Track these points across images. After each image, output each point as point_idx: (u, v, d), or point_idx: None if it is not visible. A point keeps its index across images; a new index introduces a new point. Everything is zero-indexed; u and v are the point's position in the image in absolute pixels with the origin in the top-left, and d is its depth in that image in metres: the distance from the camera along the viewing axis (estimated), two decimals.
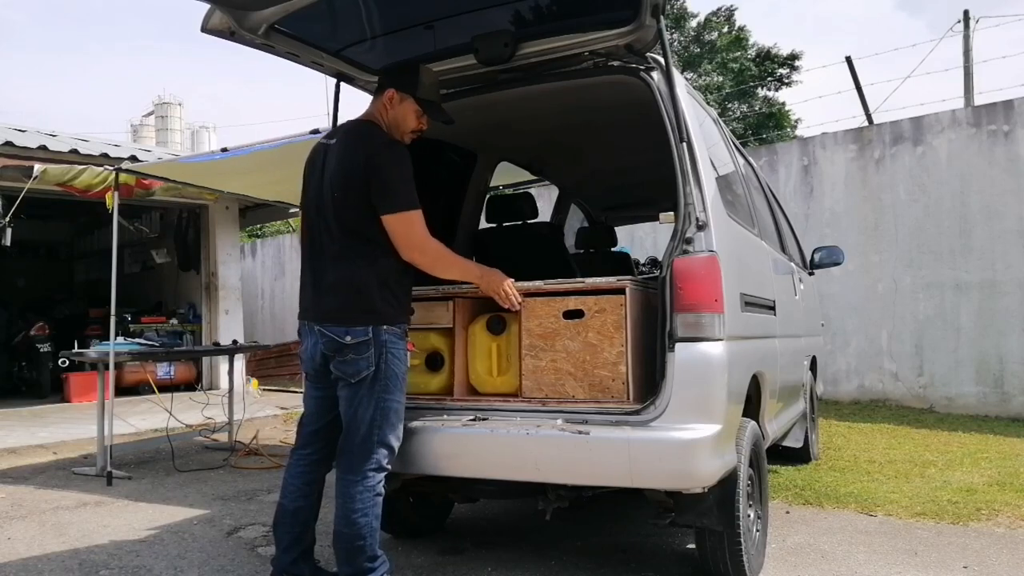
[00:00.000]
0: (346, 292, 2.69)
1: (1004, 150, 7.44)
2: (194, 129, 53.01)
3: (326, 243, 2.75)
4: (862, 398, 8.19)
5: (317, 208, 2.78)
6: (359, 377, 2.67)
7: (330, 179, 2.74)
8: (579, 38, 2.98)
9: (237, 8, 2.66)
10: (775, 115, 23.65)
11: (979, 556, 3.36)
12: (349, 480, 2.68)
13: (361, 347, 2.66)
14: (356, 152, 2.71)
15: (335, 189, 2.71)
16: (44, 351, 9.97)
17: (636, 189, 5.70)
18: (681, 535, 3.60)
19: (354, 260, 2.70)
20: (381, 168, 2.68)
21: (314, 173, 2.84)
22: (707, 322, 2.59)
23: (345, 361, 2.68)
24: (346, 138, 2.80)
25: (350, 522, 2.66)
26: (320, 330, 2.71)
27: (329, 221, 2.73)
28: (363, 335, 2.66)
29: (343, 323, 2.67)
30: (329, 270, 2.74)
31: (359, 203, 2.68)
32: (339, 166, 2.72)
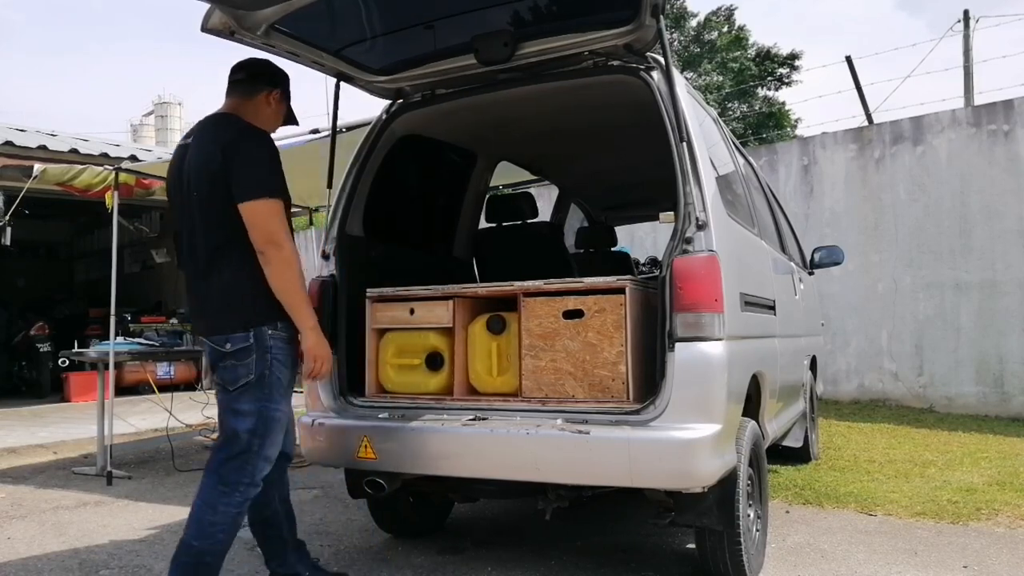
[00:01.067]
0: (221, 298, 2.57)
1: (1004, 150, 7.44)
2: None
3: (196, 247, 2.62)
4: (862, 398, 8.19)
5: (182, 211, 2.65)
6: (237, 385, 2.53)
7: (189, 177, 2.59)
8: (579, 38, 2.98)
9: (237, 8, 2.66)
10: (775, 115, 23.66)
11: (979, 556, 3.36)
12: (219, 489, 2.52)
13: (241, 353, 2.52)
14: (213, 142, 2.56)
15: (195, 188, 2.57)
16: (44, 351, 9.98)
17: (636, 189, 5.70)
18: (681, 535, 3.60)
19: (225, 262, 2.57)
20: (239, 153, 2.53)
21: (175, 176, 2.70)
22: (707, 322, 2.59)
23: (224, 368, 2.55)
24: (203, 132, 2.66)
25: (206, 535, 2.51)
26: (206, 343, 2.61)
27: (195, 223, 2.60)
28: (243, 341, 2.52)
29: (222, 331, 2.55)
30: (202, 277, 2.62)
31: (221, 197, 2.52)
32: (197, 161, 2.58)
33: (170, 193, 2.77)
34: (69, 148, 7.93)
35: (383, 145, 3.51)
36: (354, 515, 4.14)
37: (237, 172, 2.50)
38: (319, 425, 3.09)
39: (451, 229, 4.36)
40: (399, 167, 3.65)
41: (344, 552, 3.52)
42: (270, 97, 2.77)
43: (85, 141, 8.91)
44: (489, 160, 4.43)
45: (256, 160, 2.55)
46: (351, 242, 3.40)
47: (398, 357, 3.13)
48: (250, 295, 2.55)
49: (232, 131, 2.59)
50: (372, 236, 3.55)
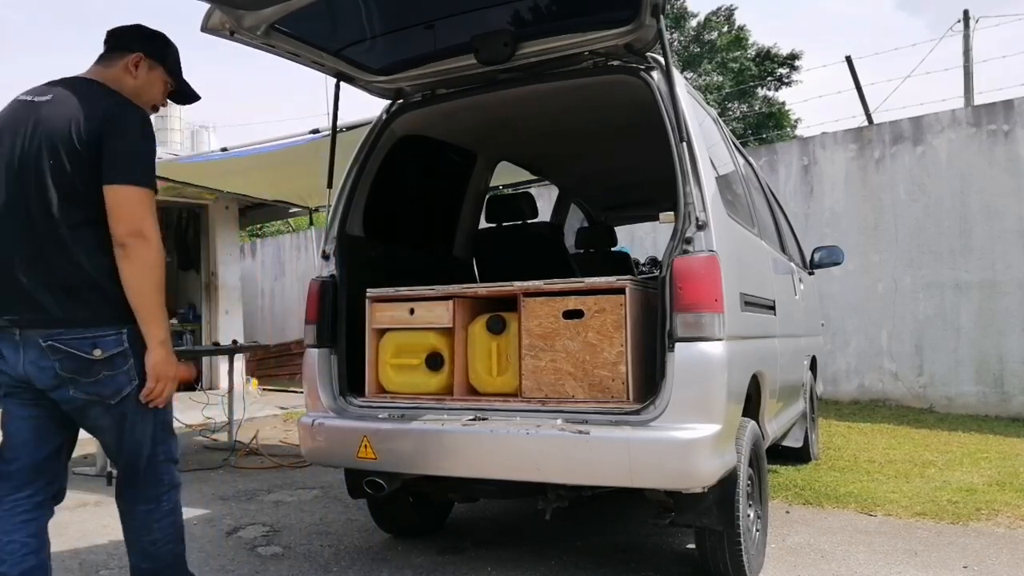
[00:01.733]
0: (83, 290, 2.12)
1: (1004, 150, 7.44)
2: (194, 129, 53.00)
3: (38, 224, 2.13)
4: (862, 398, 8.19)
5: (16, 177, 2.16)
6: (122, 395, 2.15)
7: (45, 142, 2.14)
8: (579, 38, 2.98)
9: (237, 8, 2.66)
10: (775, 115, 23.66)
11: (979, 556, 3.36)
12: (141, 510, 2.26)
13: (117, 359, 2.13)
14: (86, 108, 2.15)
15: (52, 155, 2.13)
16: None
17: (636, 189, 5.70)
18: (681, 535, 3.60)
19: (83, 246, 2.13)
20: (123, 129, 2.15)
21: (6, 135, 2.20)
22: (707, 322, 2.59)
23: (98, 381, 2.12)
24: (68, 95, 2.20)
25: (151, 555, 2.27)
26: (52, 345, 2.09)
27: (43, 194, 2.12)
28: (116, 345, 2.12)
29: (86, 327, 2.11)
30: (49, 261, 2.12)
31: (87, 171, 2.12)
32: (60, 126, 2.14)
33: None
34: None
35: (383, 145, 3.51)
36: (354, 515, 4.14)
37: (111, 151, 2.13)
38: (319, 425, 3.09)
39: (451, 229, 4.36)
40: (399, 167, 3.65)
41: (344, 552, 3.52)
42: (136, 63, 2.34)
43: None
44: (489, 160, 4.43)
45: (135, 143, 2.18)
46: (351, 242, 3.40)
47: (398, 357, 3.13)
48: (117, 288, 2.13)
49: (111, 102, 2.20)
50: (372, 236, 3.55)
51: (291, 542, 3.72)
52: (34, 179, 2.14)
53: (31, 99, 2.23)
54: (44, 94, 2.23)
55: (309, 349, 3.25)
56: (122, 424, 2.22)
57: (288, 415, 7.98)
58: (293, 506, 4.43)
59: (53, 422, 2.25)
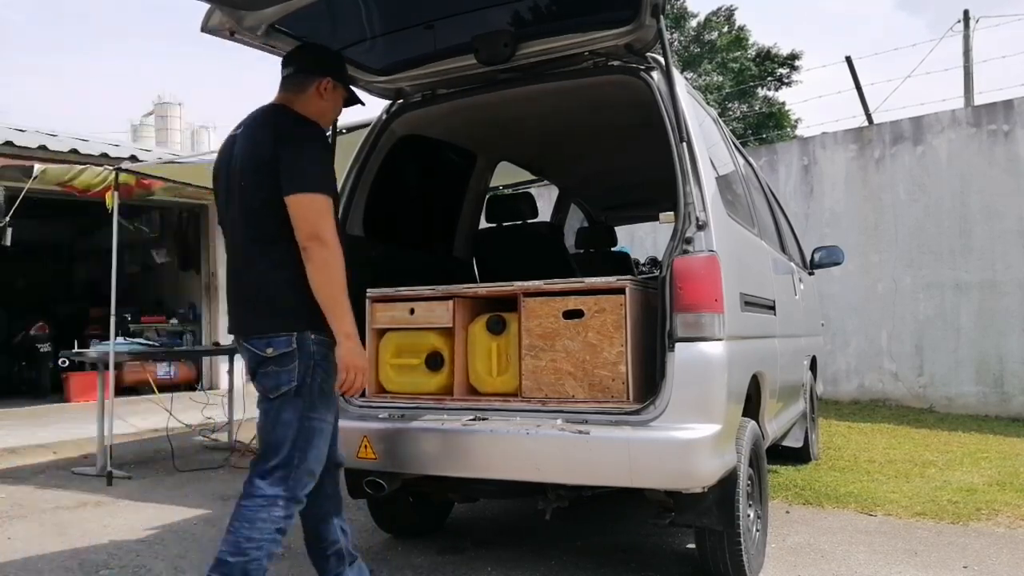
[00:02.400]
0: (262, 299, 2.42)
1: (1004, 150, 7.44)
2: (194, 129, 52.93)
3: (238, 244, 2.48)
4: (862, 398, 8.19)
5: (227, 204, 2.52)
6: (278, 392, 2.37)
7: (238, 168, 2.45)
8: (579, 38, 2.98)
9: (237, 8, 2.66)
10: (775, 115, 23.66)
11: (979, 556, 3.36)
12: (255, 504, 2.34)
13: (284, 359, 2.37)
14: (263, 133, 2.43)
15: (243, 177, 2.43)
16: (44, 351, 9.98)
17: (636, 189, 5.70)
18: (681, 535, 3.60)
19: (267, 260, 2.41)
20: (290, 145, 2.37)
21: (222, 169, 2.56)
22: (707, 322, 2.59)
23: (266, 374, 2.40)
24: (253, 123, 2.51)
25: (241, 551, 2.30)
26: (245, 345, 2.46)
27: (237, 217, 2.46)
28: (286, 346, 2.36)
29: (263, 333, 2.40)
30: (243, 276, 2.48)
31: (268, 190, 2.36)
32: (246, 152, 2.44)
33: (216, 180, 2.60)
34: (69, 148, 7.92)
35: (383, 145, 3.51)
36: (354, 515, 4.13)
37: (285, 166, 2.35)
38: None
39: (451, 229, 4.36)
40: (399, 167, 3.65)
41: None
42: (326, 88, 2.56)
43: (85, 141, 8.90)
44: (489, 160, 4.43)
45: (303, 156, 2.38)
46: (351, 242, 3.39)
47: (398, 357, 3.13)
48: (293, 298, 2.37)
49: (281, 123, 2.44)
50: (372, 236, 3.55)
51: (291, 542, 3.71)
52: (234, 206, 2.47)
53: (232, 133, 2.56)
54: (239, 127, 2.55)
55: None
56: (274, 418, 2.40)
57: None
58: None
59: None
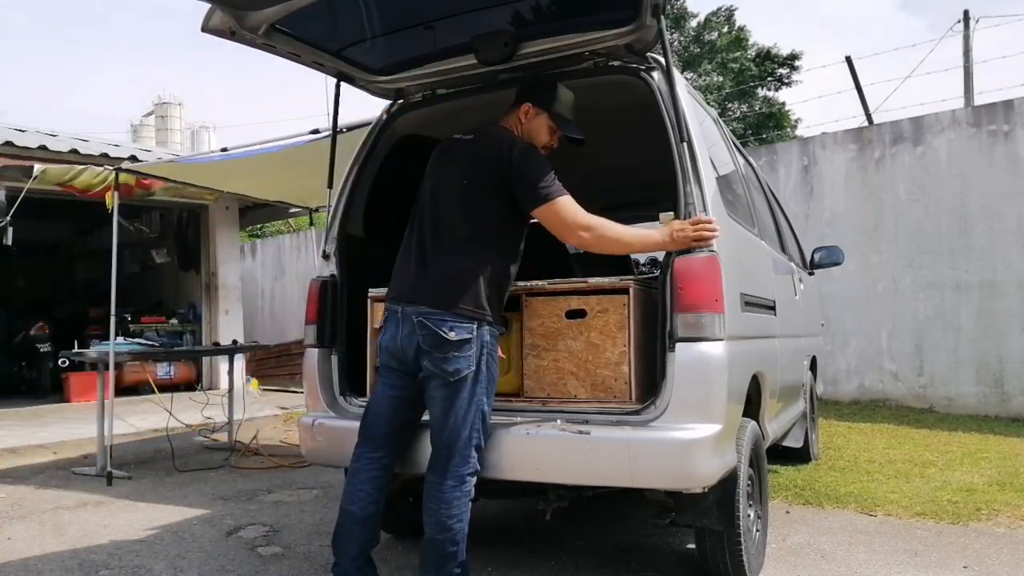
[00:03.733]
0: (456, 282, 2.61)
1: (1004, 150, 7.44)
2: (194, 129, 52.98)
3: (443, 229, 2.71)
4: (862, 398, 8.19)
5: (441, 193, 2.76)
6: (459, 376, 2.56)
7: (464, 167, 2.73)
8: (579, 38, 2.98)
9: (237, 8, 2.66)
10: (775, 115, 23.67)
11: (979, 556, 3.36)
12: (448, 485, 2.57)
13: (464, 345, 2.56)
14: (494, 146, 2.72)
15: (466, 176, 2.70)
16: (44, 351, 9.98)
17: (636, 189, 5.69)
18: (681, 535, 3.60)
19: (469, 251, 2.65)
20: (521, 163, 2.67)
21: (444, 160, 2.85)
22: (707, 322, 2.59)
23: (445, 358, 2.56)
24: (484, 135, 2.80)
25: (445, 528, 2.56)
26: (421, 321, 2.59)
27: (453, 208, 2.70)
28: (466, 332, 2.57)
29: (447, 315, 2.57)
30: (442, 257, 2.67)
31: (488, 195, 2.67)
32: (475, 156, 2.73)
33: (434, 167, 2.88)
34: (69, 148, 7.92)
35: (384, 145, 3.51)
36: None
37: (522, 185, 2.66)
38: (319, 425, 3.09)
39: None
40: (400, 167, 3.65)
41: None
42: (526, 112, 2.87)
43: (85, 141, 8.90)
44: None
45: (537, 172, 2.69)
46: (351, 242, 3.40)
47: None
48: (483, 291, 2.61)
49: (512, 142, 2.73)
50: (372, 236, 3.55)
51: (291, 542, 3.72)
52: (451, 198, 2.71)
53: (461, 136, 2.85)
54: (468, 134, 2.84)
55: (309, 349, 3.25)
56: (450, 401, 2.58)
57: (288, 415, 7.98)
58: (293, 506, 4.43)
59: (407, 402, 2.72)
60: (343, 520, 2.75)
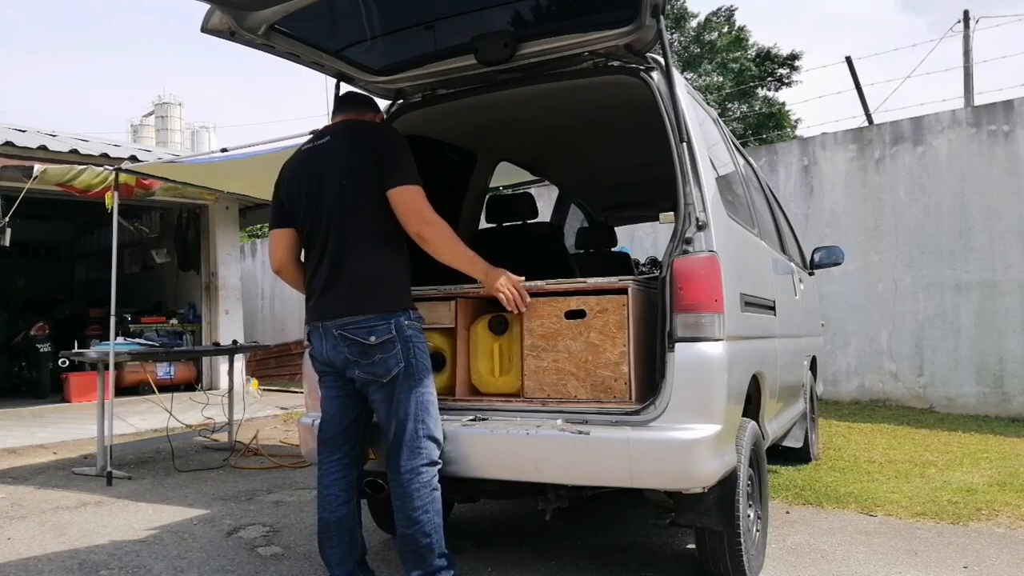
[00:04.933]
0: (363, 289, 2.63)
1: (1004, 150, 7.44)
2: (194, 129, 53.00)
3: (333, 239, 2.69)
4: (862, 398, 8.19)
5: (317, 204, 2.72)
6: (391, 376, 2.61)
7: (339, 171, 2.69)
8: (579, 38, 2.98)
9: (237, 8, 2.66)
10: (775, 115, 23.65)
11: (979, 556, 3.36)
12: (404, 479, 2.61)
13: (387, 345, 2.60)
14: (364, 139, 2.72)
15: (344, 177, 2.67)
16: (44, 351, 9.98)
17: (636, 189, 5.70)
18: (681, 535, 3.60)
19: (365, 253, 2.65)
20: (390, 145, 2.69)
21: (309, 172, 2.77)
22: (707, 322, 2.59)
23: (373, 363, 2.61)
24: (348, 131, 2.78)
25: (412, 521, 2.60)
26: (341, 334, 2.63)
27: (335, 215, 2.68)
28: (386, 333, 2.60)
29: (363, 322, 2.60)
30: (342, 266, 2.67)
31: (369, 190, 2.65)
32: (348, 155, 2.69)
33: (290, 189, 2.84)
34: (69, 148, 7.93)
35: None
36: None
37: (387, 164, 2.65)
38: (319, 425, 3.08)
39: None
40: None
41: None
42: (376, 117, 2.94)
43: (85, 141, 8.91)
44: (489, 160, 4.43)
45: (400, 154, 2.69)
46: None
47: None
48: (392, 287, 2.66)
49: (378, 129, 2.78)
50: None
51: (291, 542, 3.72)
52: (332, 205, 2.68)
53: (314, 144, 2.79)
54: (321, 137, 2.81)
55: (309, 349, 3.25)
56: (390, 400, 2.63)
57: (288, 415, 7.98)
58: (293, 506, 4.43)
59: (351, 400, 2.76)
60: (320, 528, 2.80)
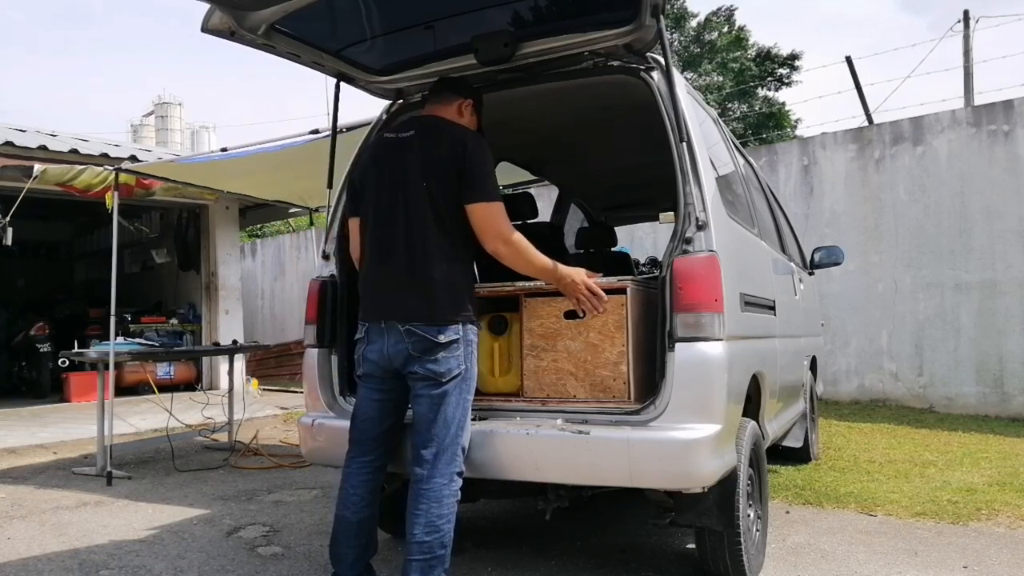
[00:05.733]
0: (439, 289, 2.60)
1: (1004, 150, 7.44)
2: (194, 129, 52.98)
3: (410, 239, 2.64)
4: (862, 398, 8.19)
5: (393, 200, 2.68)
6: (450, 376, 2.59)
7: (423, 171, 2.64)
8: (579, 38, 2.98)
9: (237, 8, 2.66)
10: (775, 115, 23.64)
11: (979, 556, 3.36)
12: (439, 483, 2.57)
13: (453, 346, 2.59)
14: (452, 145, 2.66)
15: (427, 180, 2.63)
16: (44, 351, 9.98)
17: (636, 189, 5.70)
18: (681, 535, 3.60)
19: (443, 255, 2.62)
20: (474, 157, 2.64)
21: (389, 164, 2.73)
22: (707, 322, 2.59)
23: (436, 360, 2.58)
24: (430, 130, 2.74)
25: (435, 528, 2.54)
26: (409, 329, 2.59)
27: (416, 216, 2.64)
28: (455, 334, 2.59)
29: (435, 322, 2.58)
30: (419, 269, 2.62)
31: (452, 197, 2.62)
32: (434, 158, 2.65)
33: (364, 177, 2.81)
34: (69, 148, 7.92)
35: None
36: None
37: (469, 177, 2.62)
38: (319, 425, 3.09)
39: None
40: None
41: None
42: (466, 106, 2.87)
43: (85, 141, 8.91)
44: None
45: (485, 169, 2.66)
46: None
47: None
48: (464, 292, 2.66)
49: (464, 135, 2.70)
50: None
51: (291, 542, 3.72)
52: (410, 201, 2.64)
53: (396, 135, 2.76)
54: (406, 129, 2.76)
55: (309, 349, 3.25)
56: (442, 401, 2.59)
57: (288, 415, 7.99)
58: (293, 506, 4.43)
59: (392, 405, 2.74)
60: (338, 526, 2.74)
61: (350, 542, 2.73)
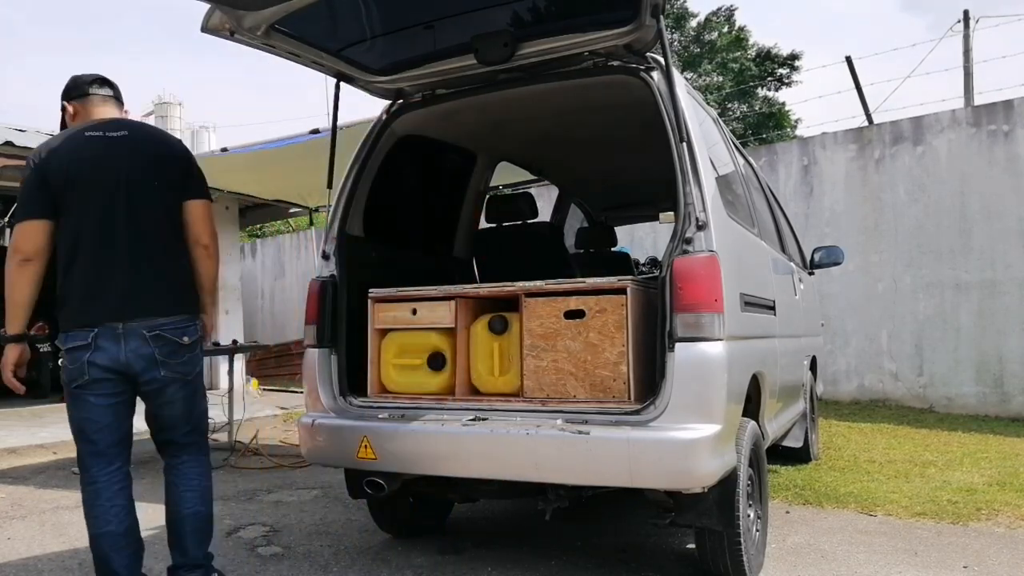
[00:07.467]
0: (179, 290, 2.72)
1: (1004, 150, 7.44)
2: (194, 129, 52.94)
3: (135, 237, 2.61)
4: (862, 398, 8.19)
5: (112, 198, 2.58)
6: (195, 372, 2.78)
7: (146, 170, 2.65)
8: (579, 38, 2.98)
9: (237, 8, 2.66)
10: (775, 115, 23.64)
11: (979, 556, 3.36)
12: (205, 460, 2.84)
13: (195, 344, 2.75)
14: (165, 143, 2.82)
15: (155, 178, 2.66)
16: (44, 351, 9.96)
17: (636, 189, 5.70)
18: (681, 535, 3.60)
19: (175, 256, 2.74)
20: (190, 158, 2.84)
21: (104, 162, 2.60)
22: (707, 322, 2.59)
23: (184, 361, 2.70)
24: (144, 130, 2.82)
25: (208, 500, 2.79)
26: (157, 334, 2.60)
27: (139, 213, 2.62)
28: (195, 333, 2.75)
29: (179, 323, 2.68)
30: (149, 266, 2.63)
31: (173, 191, 2.72)
32: (151, 154, 2.70)
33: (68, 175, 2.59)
34: None
35: (383, 145, 3.51)
36: (354, 515, 4.14)
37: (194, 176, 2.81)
38: (319, 425, 3.09)
39: (451, 229, 4.36)
40: (399, 167, 3.65)
41: (344, 552, 3.52)
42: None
43: None
44: (489, 160, 4.43)
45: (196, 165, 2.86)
46: (351, 242, 3.40)
47: (400, 357, 3.13)
48: (193, 288, 2.81)
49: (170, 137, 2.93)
50: (372, 236, 3.55)
51: (291, 542, 3.72)
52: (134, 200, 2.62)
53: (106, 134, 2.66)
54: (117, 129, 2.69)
55: (309, 349, 3.25)
56: (192, 397, 2.78)
57: (288, 415, 7.98)
58: (293, 506, 4.43)
59: (125, 406, 2.70)
60: (106, 543, 2.60)
61: (124, 552, 2.63)
